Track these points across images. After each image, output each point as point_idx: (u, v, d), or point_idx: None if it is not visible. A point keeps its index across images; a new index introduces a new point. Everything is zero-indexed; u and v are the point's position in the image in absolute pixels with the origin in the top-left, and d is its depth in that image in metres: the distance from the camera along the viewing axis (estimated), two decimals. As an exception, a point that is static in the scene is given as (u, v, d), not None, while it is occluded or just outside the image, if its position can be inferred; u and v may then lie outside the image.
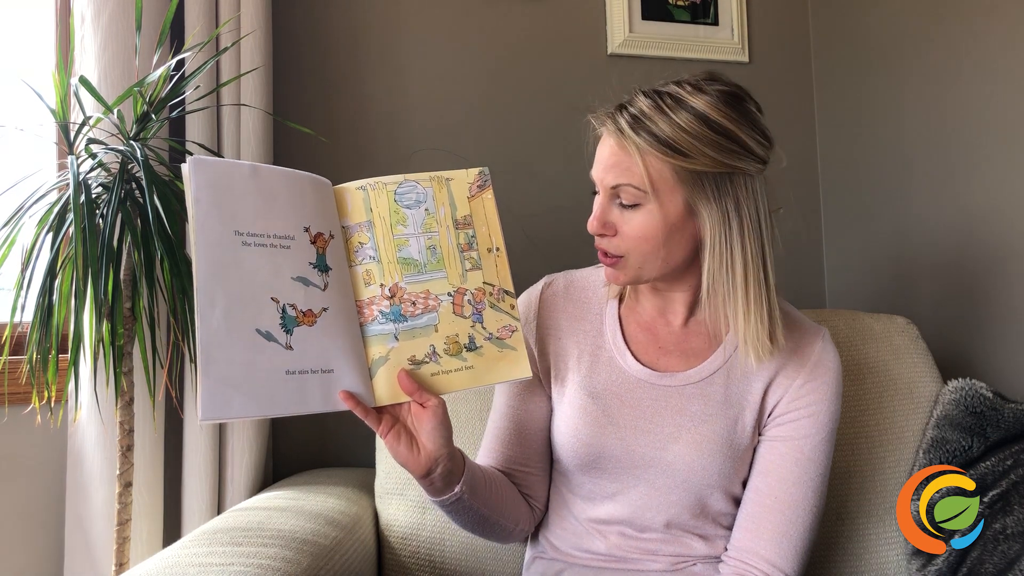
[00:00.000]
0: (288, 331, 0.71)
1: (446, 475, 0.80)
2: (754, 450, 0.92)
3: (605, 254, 0.87)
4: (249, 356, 0.68)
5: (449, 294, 0.79)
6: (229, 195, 0.71)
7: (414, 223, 0.80)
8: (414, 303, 0.78)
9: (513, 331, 0.81)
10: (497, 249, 0.82)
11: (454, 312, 0.79)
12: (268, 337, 0.70)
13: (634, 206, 0.83)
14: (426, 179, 0.81)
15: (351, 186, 0.80)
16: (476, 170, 0.83)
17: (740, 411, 0.90)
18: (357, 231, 0.79)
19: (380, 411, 0.77)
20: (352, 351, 0.75)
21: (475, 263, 0.81)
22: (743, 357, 0.86)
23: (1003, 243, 1.29)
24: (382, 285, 0.78)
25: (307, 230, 0.75)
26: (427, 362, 0.78)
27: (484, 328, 0.80)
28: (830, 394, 0.91)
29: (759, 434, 0.92)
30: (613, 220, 0.85)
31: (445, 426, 0.78)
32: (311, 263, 0.74)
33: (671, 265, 0.86)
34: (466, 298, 0.80)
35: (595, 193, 0.88)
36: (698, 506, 0.90)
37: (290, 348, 0.70)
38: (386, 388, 0.76)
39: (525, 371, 0.81)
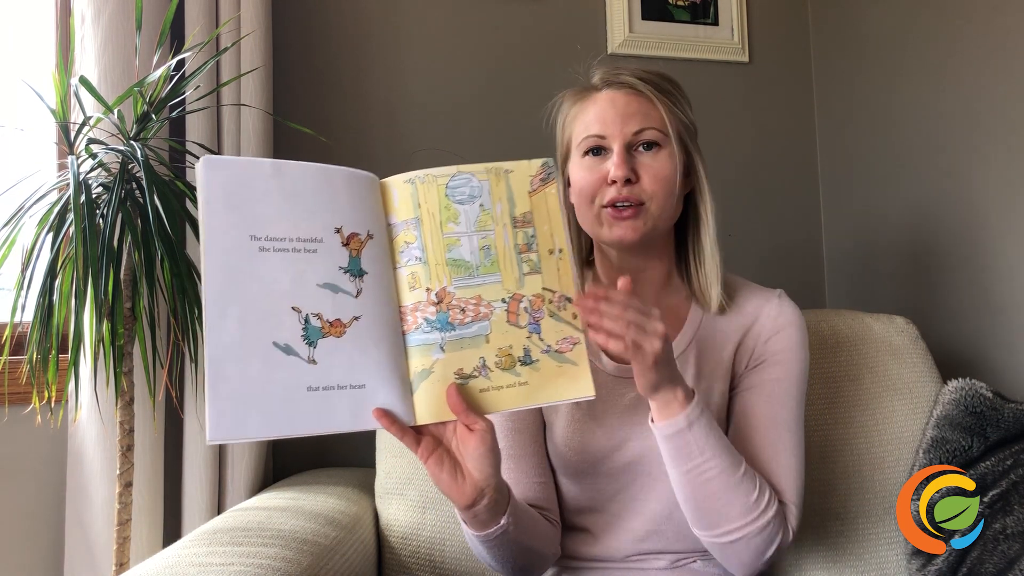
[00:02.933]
0: (311, 343, 0.65)
1: (492, 507, 0.74)
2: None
3: (625, 206, 0.87)
4: (265, 372, 0.63)
5: (503, 300, 0.71)
6: (245, 196, 0.66)
7: (467, 220, 0.72)
8: (463, 310, 0.70)
9: (575, 344, 0.72)
10: (560, 251, 0.73)
11: (508, 321, 0.71)
12: (287, 351, 0.64)
13: (657, 148, 0.87)
14: (482, 171, 0.73)
15: (398, 179, 0.73)
16: (539, 161, 0.74)
17: (712, 382, 0.92)
18: (403, 229, 0.71)
19: (420, 432, 0.71)
20: (389, 364, 0.68)
21: (534, 266, 0.73)
22: (712, 304, 0.92)
23: (1003, 243, 1.29)
24: (428, 289, 0.70)
25: (338, 231, 0.68)
26: (476, 376, 0.70)
27: (542, 340, 0.71)
28: (794, 343, 0.93)
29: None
30: (635, 167, 0.87)
31: (494, 453, 0.72)
32: (342, 267, 0.68)
33: (670, 221, 0.91)
34: (522, 305, 0.72)
35: (591, 154, 0.90)
36: None
37: (313, 362, 0.65)
38: (428, 405, 0.69)
39: (587, 389, 0.71)
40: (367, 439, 1.23)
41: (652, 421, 0.80)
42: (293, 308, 0.65)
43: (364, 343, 0.67)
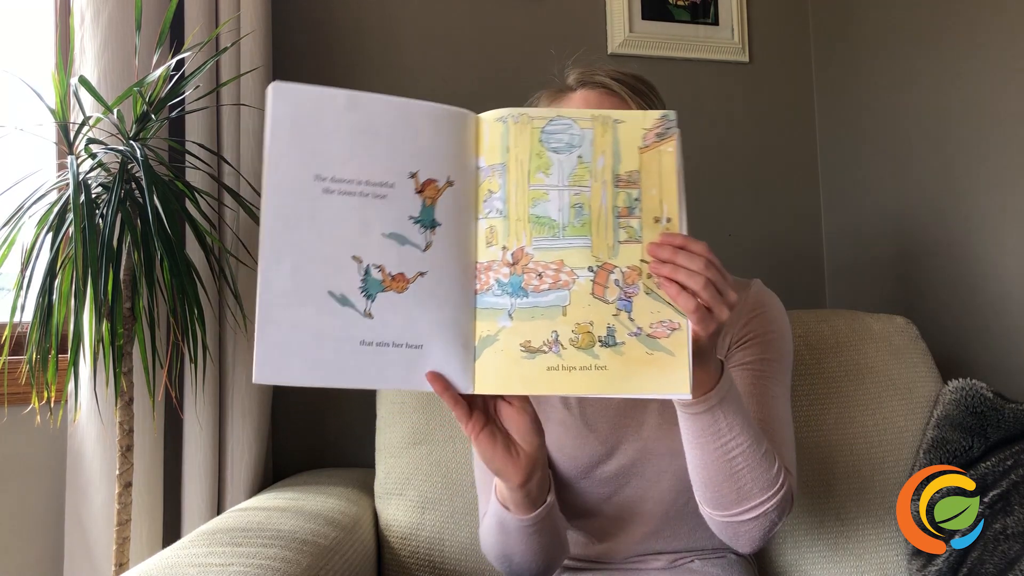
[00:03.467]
0: (369, 296, 0.61)
1: (542, 481, 0.71)
2: None
3: None
4: (317, 320, 0.60)
5: (591, 269, 0.62)
6: (313, 132, 0.61)
7: (560, 172, 0.63)
8: (540, 275, 0.62)
9: (673, 329, 0.62)
10: (668, 220, 0.63)
11: (593, 293, 0.62)
12: (342, 301, 0.60)
13: None
14: (587, 118, 0.64)
15: (491, 115, 0.64)
16: (658, 113, 0.64)
17: None
18: (489, 175, 0.64)
19: (470, 404, 0.66)
20: (452, 325, 0.63)
21: (633, 234, 0.63)
22: None
23: (1003, 243, 1.29)
24: (504, 248, 0.63)
25: (413, 176, 0.62)
26: (544, 352, 0.62)
27: (632, 320, 0.62)
28: (776, 324, 0.91)
29: None
30: None
31: (537, 422, 0.69)
32: (412, 217, 0.62)
33: None
34: (612, 277, 0.63)
35: None
36: (689, 486, 0.90)
37: (369, 316, 0.61)
38: (491, 375, 0.63)
39: (682, 385, 0.61)
40: (367, 439, 1.23)
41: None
42: (354, 257, 0.61)
43: (426, 302, 0.62)
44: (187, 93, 1.17)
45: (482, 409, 0.67)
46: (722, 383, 0.72)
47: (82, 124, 1.08)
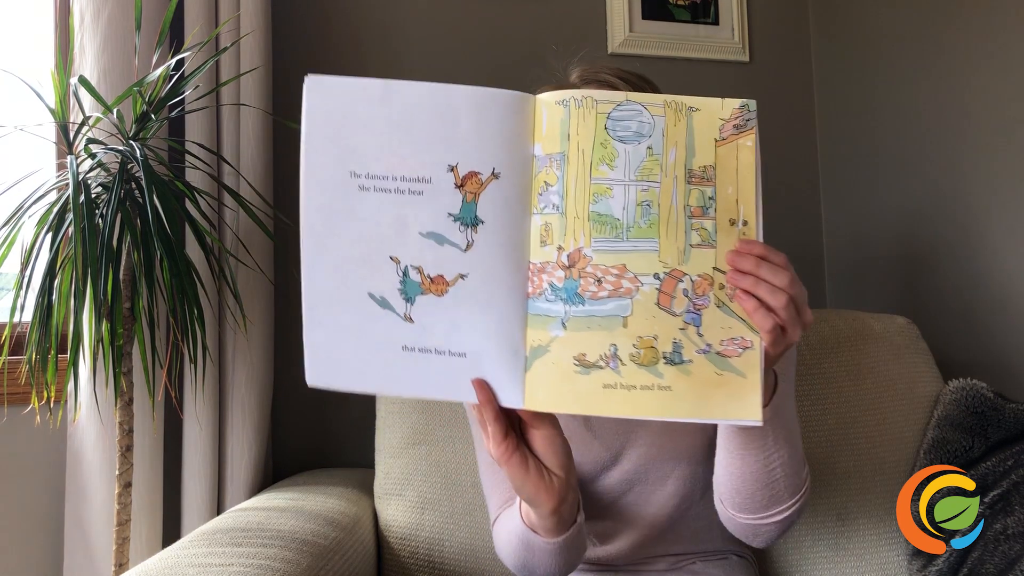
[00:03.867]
0: (408, 299, 0.58)
1: (574, 502, 0.67)
2: None
3: None
4: (359, 324, 0.58)
5: (657, 276, 0.56)
6: (348, 126, 0.58)
7: (626, 165, 0.57)
8: (599, 280, 0.56)
9: (745, 348, 0.56)
10: (745, 224, 0.57)
11: (659, 303, 0.56)
12: (383, 304, 0.58)
13: None
14: (659, 103, 0.57)
15: (551, 97, 0.58)
16: (736, 102, 0.58)
17: None
18: (546, 165, 0.58)
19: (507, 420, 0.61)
20: (500, 333, 0.58)
21: (707, 238, 0.57)
22: None
23: (1004, 242, 1.29)
24: (560, 248, 0.57)
25: (452, 169, 0.58)
26: (601, 367, 0.56)
27: (700, 335, 0.56)
28: None
29: None
30: None
31: (567, 445, 0.64)
32: (451, 214, 0.58)
33: None
34: (681, 286, 0.56)
35: None
36: (693, 487, 0.90)
37: (409, 320, 0.58)
38: (542, 390, 0.57)
39: (754, 411, 0.56)
40: (367, 439, 1.23)
41: None
42: (391, 258, 0.58)
43: (468, 306, 0.58)
44: (187, 93, 1.17)
45: (514, 429, 0.61)
46: (776, 397, 0.69)
47: (82, 124, 1.08)
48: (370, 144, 0.58)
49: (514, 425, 0.61)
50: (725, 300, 0.57)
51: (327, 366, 0.58)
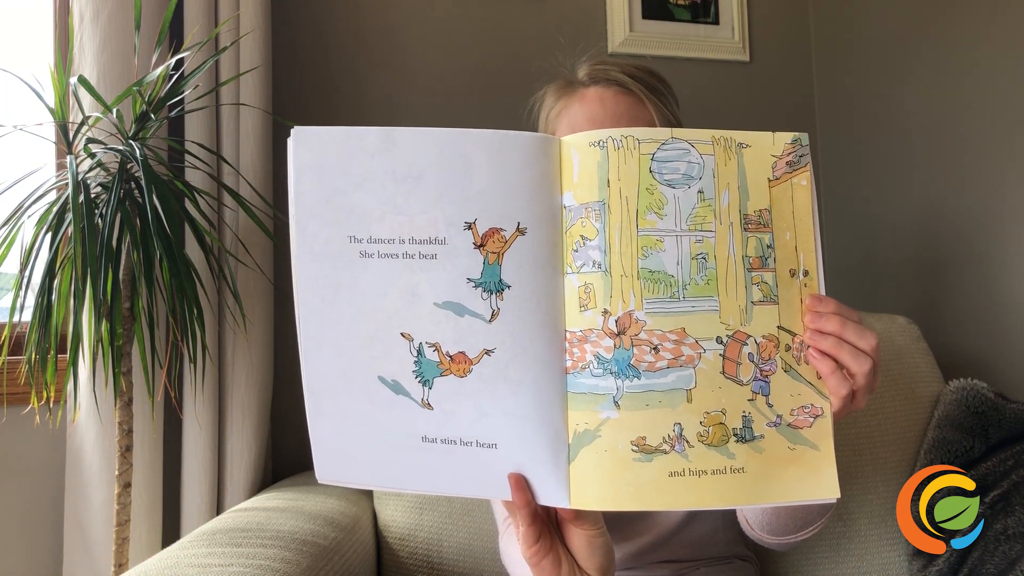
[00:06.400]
0: (425, 382, 0.50)
1: None
2: None
3: None
4: (371, 413, 0.50)
5: (720, 340, 0.49)
6: (343, 183, 0.50)
7: (677, 212, 0.49)
8: (656, 349, 0.48)
9: (816, 416, 0.50)
10: (806, 273, 0.51)
11: (724, 372, 0.49)
12: (396, 389, 0.50)
13: None
14: (707, 140, 0.50)
15: (582, 139, 0.50)
16: (788, 136, 0.52)
17: None
18: (581, 216, 0.50)
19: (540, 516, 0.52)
20: (535, 418, 0.49)
21: (769, 293, 0.50)
22: None
23: (1005, 242, 1.29)
24: (606, 312, 0.49)
25: (470, 226, 0.50)
26: (665, 451, 0.48)
27: (770, 406, 0.49)
28: None
29: None
30: None
31: (608, 540, 0.55)
32: (471, 279, 0.50)
33: None
34: (746, 350, 0.49)
35: None
36: None
37: (428, 406, 0.50)
38: (591, 484, 0.49)
39: (831, 488, 0.49)
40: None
41: None
42: (403, 335, 0.50)
43: (497, 387, 0.49)
44: (186, 93, 1.17)
45: (548, 525, 0.53)
46: None
47: (81, 124, 1.08)
48: (371, 203, 0.50)
49: (549, 519, 0.53)
50: (792, 363, 0.50)
51: (336, 461, 0.52)
